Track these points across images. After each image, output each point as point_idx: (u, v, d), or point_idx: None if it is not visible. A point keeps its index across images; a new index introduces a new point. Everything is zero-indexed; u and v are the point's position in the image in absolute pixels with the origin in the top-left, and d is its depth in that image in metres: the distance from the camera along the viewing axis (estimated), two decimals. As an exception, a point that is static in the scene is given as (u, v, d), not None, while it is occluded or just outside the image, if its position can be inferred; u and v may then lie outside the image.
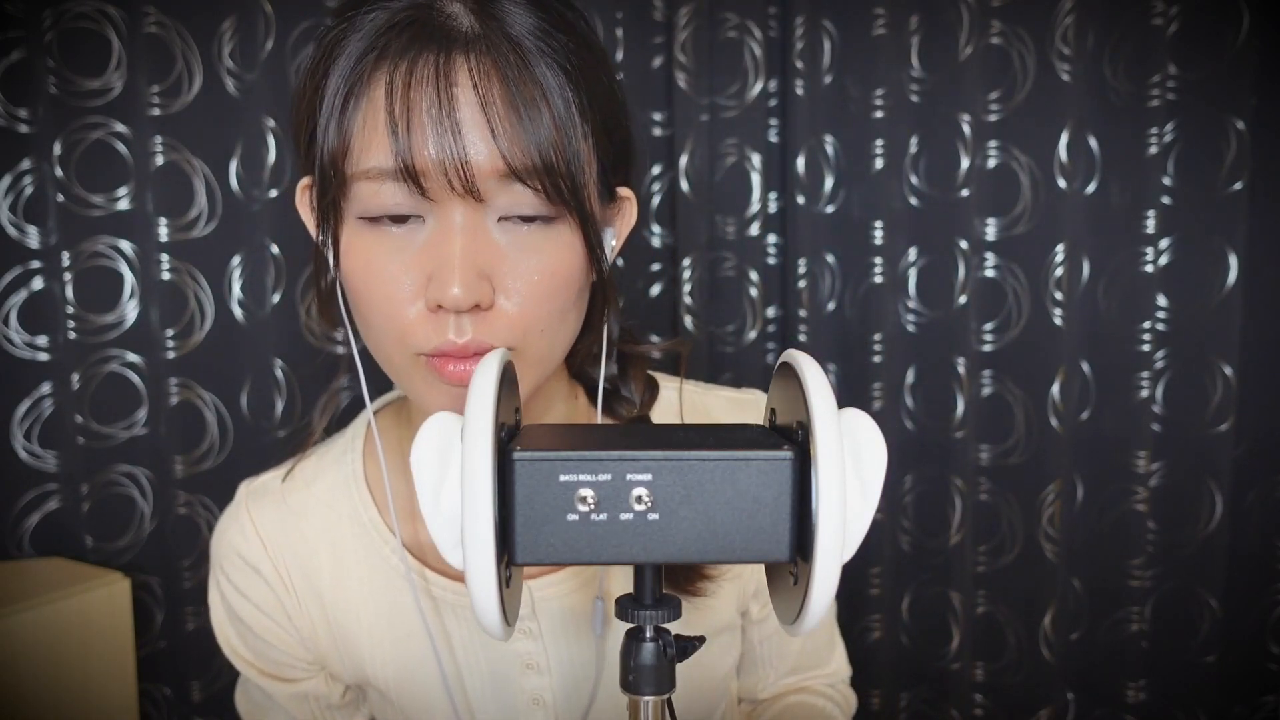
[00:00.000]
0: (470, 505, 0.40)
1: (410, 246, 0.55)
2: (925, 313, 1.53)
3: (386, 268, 0.55)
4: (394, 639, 0.70)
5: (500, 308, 0.55)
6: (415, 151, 0.52)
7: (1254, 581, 1.58)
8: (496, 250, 0.55)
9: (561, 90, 0.53)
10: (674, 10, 1.44)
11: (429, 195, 0.53)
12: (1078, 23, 1.43)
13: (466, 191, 0.52)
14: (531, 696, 0.71)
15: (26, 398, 1.35)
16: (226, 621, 0.74)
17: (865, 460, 0.43)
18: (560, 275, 0.57)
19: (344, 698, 0.76)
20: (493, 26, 0.53)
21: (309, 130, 0.57)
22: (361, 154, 0.53)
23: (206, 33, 1.33)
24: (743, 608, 0.78)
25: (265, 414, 1.41)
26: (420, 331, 0.55)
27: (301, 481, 0.73)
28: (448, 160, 0.51)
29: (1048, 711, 1.58)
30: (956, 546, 1.55)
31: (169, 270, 1.36)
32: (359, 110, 0.53)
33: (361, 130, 0.53)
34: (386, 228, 0.55)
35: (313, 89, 0.56)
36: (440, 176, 0.52)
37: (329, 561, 0.71)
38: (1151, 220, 1.48)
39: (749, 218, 1.51)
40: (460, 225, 0.53)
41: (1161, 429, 1.54)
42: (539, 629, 0.71)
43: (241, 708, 0.78)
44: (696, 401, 0.77)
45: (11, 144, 1.30)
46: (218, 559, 0.73)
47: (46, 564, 1.35)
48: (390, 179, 0.53)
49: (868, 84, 1.46)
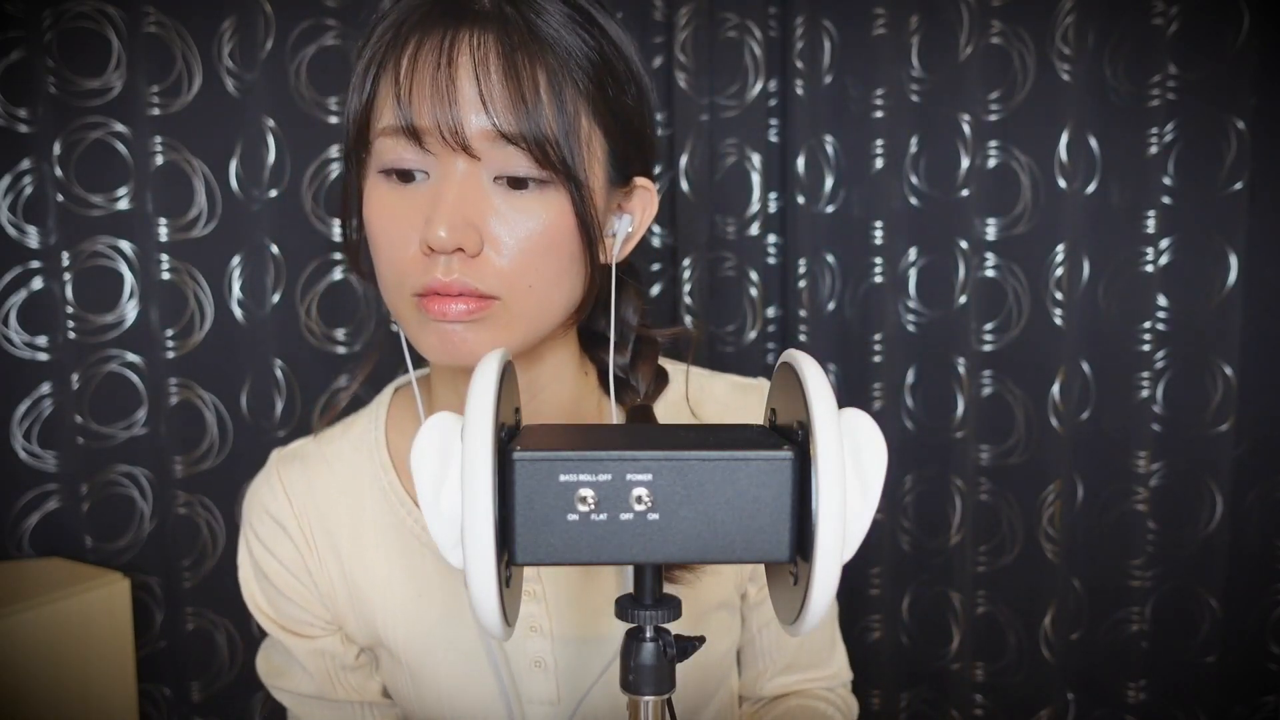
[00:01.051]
0: (470, 505, 0.40)
1: (414, 197, 0.61)
2: (925, 313, 1.53)
3: (394, 215, 0.61)
4: (405, 599, 0.73)
5: (487, 257, 0.60)
6: (416, 113, 0.58)
7: (1254, 581, 1.58)
8: (489, 204, 0.60)
9: (563, 67, 0.59)
10: (674, 10, 1.44)
11: (429, 149, 0.59)
12: (1078, 23, 1.43)
13: (461, 147, 0.58)
14: (533, 658, 0.73)
15: (26, 398, 1.35)
16: (253, 578, 0.77)
17: (865, 460, 0.43)
18: (549, 236, 0.61)
19: (357, 660, 0.79)
20: (509, 13, 0.59)
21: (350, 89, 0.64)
22: (378, 115, 0.60)
23: (206, 33, 1.33)
24: (741, 589, 0.80)
25: (265, 414, 1.41)
26: (414, 271, 0.61)
27: (327, 442, 0.78)
28: (442, 121, 0.58)
29: (1048, 711, 1.58)
30: (956, 546, 1.55)
31: (169, 270, 1.36)
32: (382, 78, 0.60)
33: (382, 94, 0.60)
34: (398, 182, 0.61)
35: (358, 56, 0.63)
36: (437, 135, 0.58)
37: (348, 520, 0.75)
38: (1151, 220, 1.48)
39: (749, 218, 1.51)
40: (457, 178, 0.59)
41: (1161, 429, 1.54)
42: (543, 591, 0.73)
43: (261, 669, 0.81)
44: (703, 385, 0.80)
45: (11, 144, 1.30)
46: (248, 517, 0.78)
47: (46, 564, 1.35)
48: (399, 135, 0.59)
49: (868, 84, 1.46)
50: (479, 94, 0.58)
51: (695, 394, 0.78)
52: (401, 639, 0.74)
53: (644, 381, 0.75)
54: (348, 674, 0.78)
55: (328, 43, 1.37)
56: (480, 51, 0.58)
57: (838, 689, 0.85)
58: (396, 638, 0.74)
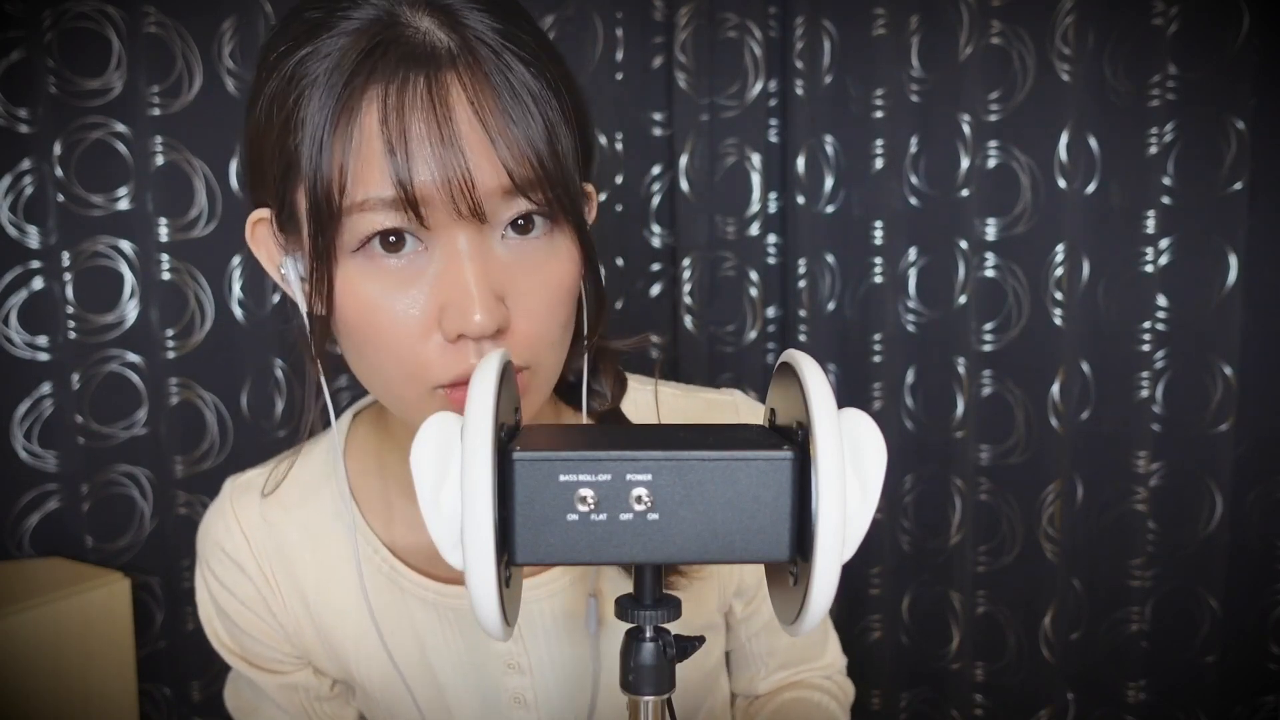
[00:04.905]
0: (470, 505, 0.40)
1: (414, 279, 0.53)
2: (925, 313, 1.53)
3: (393, 305, 0.53)
4: (375, 638, 0.71)
5: (516, 326, 0.54)
6: (415, 176, 0.50)
7: (1254, 581, 1.58)
8: (505, 269, 0.54)
9: (543, 93, 0.53)
10: (674, 10, 1.44)
11: (427, 224, 0.52)
12: (1078, 23, 1.43)
13: (473, 214, 0.51)
14: (513, 695, 0.72)
15: (26, 398, 1.35)
16: (214, 616, 0.75)
17: (865, 460, 0.43)
18: (564, 286, 0.57)
19: (333, 690, 0.76)
20: (466, 36, 0.52)
21: (280, 164, 0.54)
22: (355, 186, 0.51)
23: (206, 33, 1.33)
24: (724, 608, 0.78)
25: (265, 414, 1.41)
26: (439, 363, 0.54)
27: (287, 480, 0.73)
28: (452, 180, 0.50)
29: (1048, 711, 1.58)
30: (956, 546, 1.55)
31: (169, 270, 1.36)
32: (349, 140, 0.50)
33: (355, 161, 0.51)
34: (383, 260, 0.53)
35: (282, 121, 0.53)
36: (444, 200, 0.51)
37: (312, 560, 0.72)
38: (1151, 220, 1.48)
39: (749, 218, 1.51)
40: (467, 251, 0.52)
41: (1161, 429, 1.54)
42: (518, 631, 0.71)
43: (230, 705, 0.79)
44: (676, 405, 0.75)
45: (11, 144, 1.30)
46: (203, 553, 0.73)
47: (46, 564, 1.35)
48: (389, 209, 0.51)
49: (868, 84, 1.46)
50: (489, 142, 0.51)
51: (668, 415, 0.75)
52: (376, 677, 0.72)
53: (606, 386, 0.71)
54: (323, 704, 0.76)
55: (328, 43, 1.37)
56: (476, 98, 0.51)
57: (834, 675, 0.85)
58: (370, 675, 0.72)
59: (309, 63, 0.52)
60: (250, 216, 0.60)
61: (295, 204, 0.54)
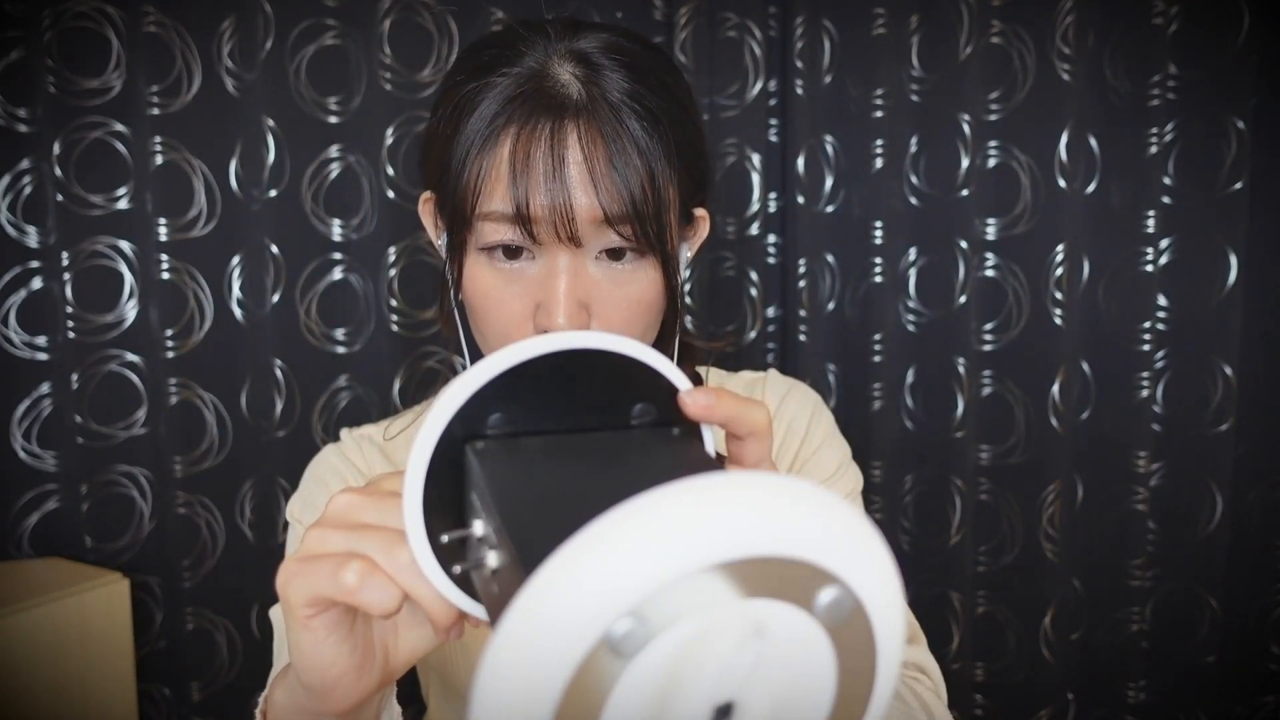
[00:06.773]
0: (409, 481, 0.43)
1: (521, 279, 0.66)
2: (925, 313, 1.53)
3: (502, 295, 0.66)
4: None
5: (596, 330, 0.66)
6: (530, 200, 0.62)
7: (1254, 581, 1.58)
8: (594, 283, 0.66)
9: (651, 145, 0.64)
10: (674, 10, 1.44)
11: (537, 239, 0.64)
12: (1078, 22, 1.43)
13: (569, 238, 0.63)
14: None
15: (25, 398, 1.35)
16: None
17: None
18: (645, 303, 0.67)
19: None
20: (595, 94, 0.64)
21: (441, 165, 0.68)
22: (485, 199, 0.64)
23: (206, 32, 1.33)
24: None
25: (265, 414, 1.41)
26: None
27: (396, 430, 0.84)
28: (557, 208, 0.62)
29: (1048, 711, 1.58)
30: (956, 546, 1.55)
31: (168, 270, 1.35)
32: (487, 163, 0.64)
33: (487, 180, 0.64)
34: (501, 261, 0.66)
35: (448, 133, 0.67)
36: (548, 223, 0.62)
37: None
38: (1151, 220, 1.48)
39: (749, 218, 1.50)
40: (563, 267, 0.64)
41: (1161, 429, 1.54)
42: None
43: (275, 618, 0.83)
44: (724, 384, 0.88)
45: (11, 144, 1.30)
46: (315, 475, 0.82)
47: (45, 564, 1.35)
48: (507, 222, 0.63)
49: (868, 84, 1.46)
50: (592, 184, 0.62)
51: None
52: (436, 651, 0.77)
53: None
54: None
55: (327, 42, 1.37)
56: (589, 145, 0.63)
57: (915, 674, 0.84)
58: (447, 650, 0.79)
59: (478, 95, 0.66)
60: (423, 195, 0.75)
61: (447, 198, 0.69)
